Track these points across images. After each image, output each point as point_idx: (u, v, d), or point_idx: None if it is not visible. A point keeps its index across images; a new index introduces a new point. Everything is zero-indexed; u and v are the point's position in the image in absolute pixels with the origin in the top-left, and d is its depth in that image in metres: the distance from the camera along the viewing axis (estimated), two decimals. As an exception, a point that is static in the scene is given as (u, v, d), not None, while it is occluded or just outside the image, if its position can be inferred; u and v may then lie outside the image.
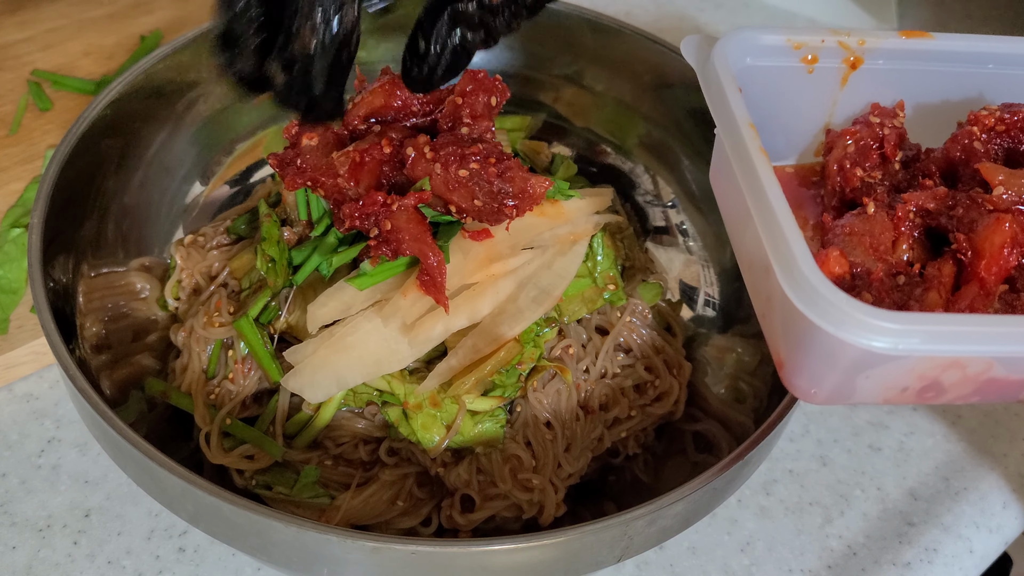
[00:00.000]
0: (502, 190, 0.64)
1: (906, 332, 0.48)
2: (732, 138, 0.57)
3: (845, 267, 0.55)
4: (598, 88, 0.90)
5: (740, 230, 0.61)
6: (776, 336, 0.57)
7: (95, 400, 0.59)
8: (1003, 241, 0.55)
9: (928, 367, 0.52)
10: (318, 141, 0.69)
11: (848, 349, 0.50)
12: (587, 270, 0.75)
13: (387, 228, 0.65)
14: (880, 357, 0.50)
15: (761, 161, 0.55)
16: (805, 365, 0.54)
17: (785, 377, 0.56)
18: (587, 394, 0.74)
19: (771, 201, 0.53)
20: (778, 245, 0.52)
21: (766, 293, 0.57)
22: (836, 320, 0.49)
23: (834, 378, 0.53)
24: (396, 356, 0.67)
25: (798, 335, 0.52)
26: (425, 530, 0.71)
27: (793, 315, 0.51)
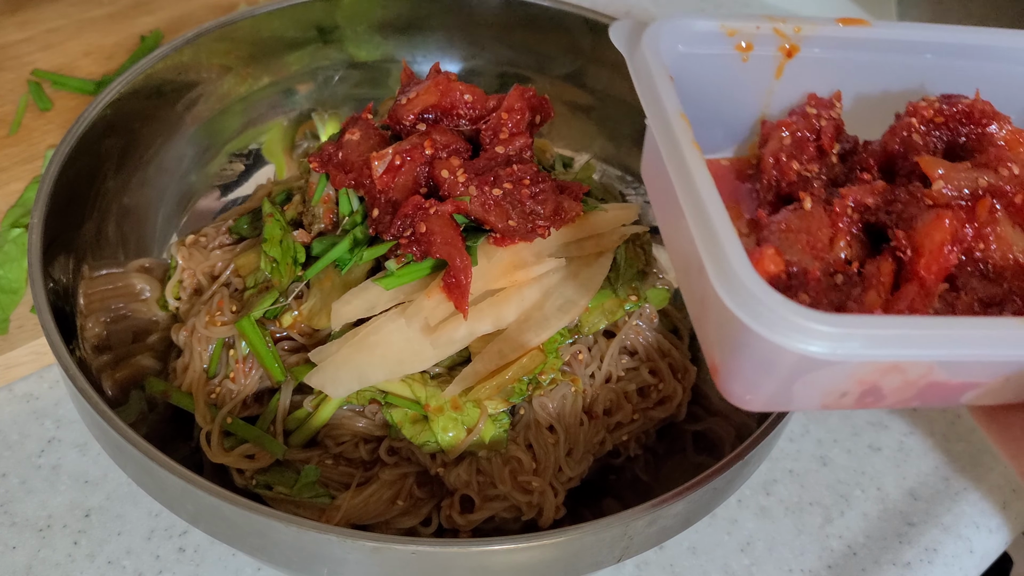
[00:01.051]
0: (534, 211, 0.67)
1: (845, 336, 0.46)
2: (663, 130, 0.54)
3: (780, 266, 0.52)
4: (598, 88, 0.90)
5: (672, 227, 0.57)
6: (710, 340, 0.53)
7: (95, 400, 0.59)
8: (943, 239, 0.52)
9: (868, 372, 0.49)
10: (360, 136, 0.71)
11: (784, 354, 0.47)
12: (609, 282, 0.75)
13: (421, 230, 0.66)
14: (818, 362, 0.47)
15: (693, 155, 0.51)
16: (740, 371, 0.51)
17: (720, 383, 0.53)
18: (592, 399, 0.74)
19: (703, 198, 0.49)
20: (710, 244, 0.48)
21: (700, 294, 0.53)
22: (771, 324, 0.46)
23: (770, 384, 0.50)
24: (419, 357, 0.67)
25: (732, 339, 0.49)
26: (425, 530, 0.71)
27: (726, 318, 0.48)
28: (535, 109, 0.73)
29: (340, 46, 0.89)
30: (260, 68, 0.87)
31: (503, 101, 0.73)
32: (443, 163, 0.68)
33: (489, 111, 0.73)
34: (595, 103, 0.91)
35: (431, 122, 0.73)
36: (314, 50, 0.89)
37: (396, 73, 0.91)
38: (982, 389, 0.53)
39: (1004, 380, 0.51)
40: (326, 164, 0.72)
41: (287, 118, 0.90)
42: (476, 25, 0.90)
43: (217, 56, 0.83)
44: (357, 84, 0.92)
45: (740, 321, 0.46)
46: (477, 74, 0.91)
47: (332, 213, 0.74)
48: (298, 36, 0.87)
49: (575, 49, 0.89)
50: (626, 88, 0.88)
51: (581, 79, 0.90)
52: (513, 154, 0.69)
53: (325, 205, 0.74)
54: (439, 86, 0.72)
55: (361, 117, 0.74)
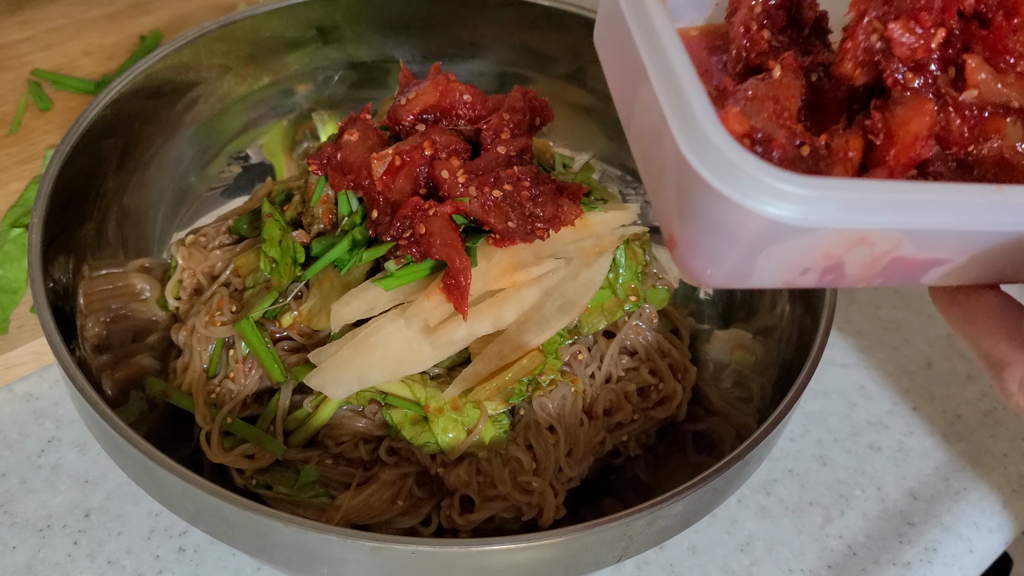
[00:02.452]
0: (533, 213, 0.67)
1: (819, 199, 0.42)
2: None
3: (745, 126, 0.47)
4: (598, 88, 0.90)
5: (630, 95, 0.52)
6: (669, 210, 0.49)
7: (95, 400, 0.59)
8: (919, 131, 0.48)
9: (835, 244, 0.45)
10: (359, 137, 0.71)
11: (751, 220, 0.43)
12: (608, 282, 0.75)
13: (421, 231, 0.66)
14: (786, 230, 0.43)
15: (657, 9, 0.47)
16: (701, 242, 0.47)
17: (678, 257, 0.49)
18: (592, 399, 0.74)
19: (668, 53, 0.45)
20: (677, 102, 0.44)
21: (659, 165, 0.49)
22: (741, 185, 0.42)
23: (732, 256, 0.46)
24: (418, 358, 0.67)
25: (695, 205, 0.45)
26: (425, 530, 0.71)
27: (691, 182, 0.44)
28: (535, 111, 0.73)
29: (340, 46, 0.89)
30: (260, 68, 0.87)
31: (503, 102, 0.73)
32: (443, 164, 0.68)
33: (489, 111, 0.73)
34: (595, 103, 0.91)
35: (430, 123, 0.73)
36: (314, 50, 0.89)
37: (396, 73, 0.91)
38: (947, 267, 0.49)
39: (970, 258, 0.48)
40: (325, 166, 0.72)
41: (287, 118, 0.90)
42: (476, 25, 0.90)
43: (217, 56, 0.83)
44: (357, 84, 0.92)
45: (706, 183, 0.43)
46: (477, 74, 0.91)
47: (331, 213, 0.74)
48: (298, 36, 0.87)
49: (575, 49, 0.89)
50: (626, 88, 0.88)
51: (581, 79, 0.90)
52: (514, 155, 0.70)
53: (324, 205, 0.74)
54: (438, 86, 0.73)
55: (360, 117, 0.74)
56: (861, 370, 0.90)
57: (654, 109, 0.46)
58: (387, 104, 0.88)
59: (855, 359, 0.91)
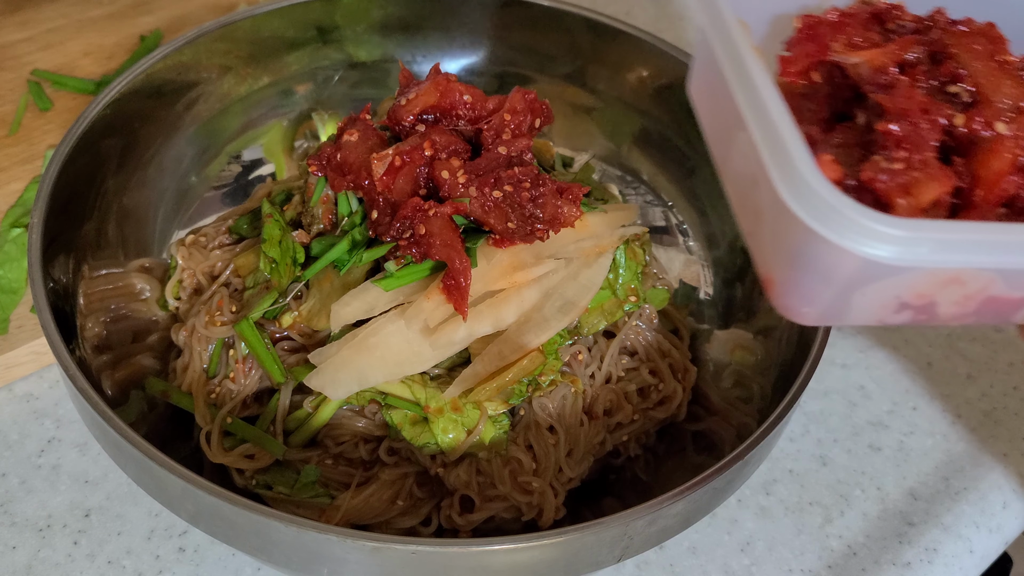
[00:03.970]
0: (533, 214, 0.67)
1: (914, 240, 0.44)
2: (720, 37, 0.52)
3: (839, 174, 0.50)
4: (598, 88, 0.90)
5: (726, 141, 0.55)
6: (766, 252, 0.52)
7: (95, 400, 0.59)
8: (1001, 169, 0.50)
9: (928, 283, 0.47)
10: (358, 137, 0.71)
11: (848, 260, 0.45)
12: (608, 282, 0.75)
13: (421, 232, 0.66)
14: (881, 269, 0.45)
15: (754, 61, 0.50)
16: (798, 281, 0.49)
17: (775, 296, 0.52)
18: (592, 399, 0.74)
19: (765, 101, 0.48)
20: (774, 147, 0.47)
21: (755, 209, 0.51)
22: (839, 227, 0.44)
23: (829, 295, 0.48)
24: (418, 358, 0.67)
25: (793, 246, 0.48)
26: (425, 530, 0.71)
27: (788, 224, 0.46)
28: (536, 112, 0.72)
29: (340, 46, 0.89)
30: (260, 68, 0.87)
31: (503, 102, 0.73)
32: (443, 164, 0.68)
33: (489, 112, 0.73)
34: (595, 103, 0.91)
35: (430, 123, 0.73)
36: (314, 50, 0.89)
37: (396, 73, 0.91)
38: None
39: None
40: (325, 167, 0.72)
41: (287, 118, 0.90)
42: (476, 25, 0.90)
43: (217, 56, 0.83)
44: (356, 84, 0.92)
45: (804, 225, 0.45)
46: (477, 74, 0.91)
47: (331, 214, 0.74)
48: (298, 36, 0.87)
49: (575, 49, 0.89)
50: (626, 88, 0.89)
51: (581, 79, 0.90)
52: (515, 155, 0.70)
53: (324, 206, 0.74)
54: (438, 87, 0.73)
55: (359, 118, 0.74)
56: (861, 370, 0.90)
57: (751, 155, 0.49)
58: (387, 104, 0.88)
59: (855, 359, 0.91)
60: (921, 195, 0.49)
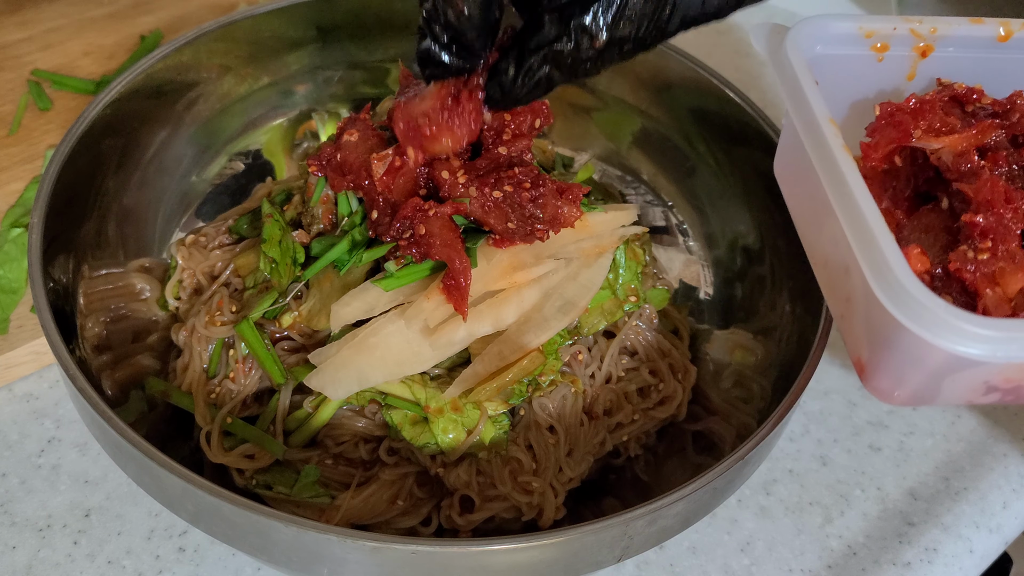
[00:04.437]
0: (533, 215, 0.67)
1: (1004, 340, 0.47)
2: (811, 134, 0.56)
3: (927, 265, 0.53)
4: (598, 88, 0.90)
5: (815, 227, 0.59)
6: (857, 337, 0.55)
7: (95, 400, 0.59)
8: None
9: (1016, 370, 0.50)
10: (358, 137, 0.71)
11: (940, 353, 0.48)
12: (608, 283, 0.75)
13: (421, 232, 0.66)
14: (971, 361, 0.48)
15: (846, 160, 0.53)
16: (889, 367, 0.53)
17: (866, 379, 0.56)
18: (592, 399, 0.74)
19: (859, 202, 0.51)
20: (866, 247, 0.50)
21: (845, 294, 0.55)
22: (931, 326, 0.47)
23: (919, 380, 0.52)
24: (418, 358, 0.67)
25: (885, 338, 0.51)
26: (425, 530, 0.71)
27: (881, 318, 0.50)
28: (536, 113, 0.72)
29: (340, 46, 0.89)
30: (260, 68, 0.87)
31: None
32: (443, 164, 0.68)
33: None
34: (595, 103, 0.91)
35: None
36: (314, 50, 0.89)
37: (395, 73, 0.91)
38: None
39: None
40: (325, 167, 0.72)
41: (287, 118, 0.90)
42: (476, 25, 0.90)
43: (217, 56, 0.83)
44: (357, 84, 0.92)
45: (897, 321, 0.48)
46: (477, 74, 0.91)
47: (331, 214, 0.74)
48: (298, 36, 0.87)
49: (575, 49, 0.89)
50: (626, 88, 0.88)
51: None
52: (515, 156, 0.70)
53: (324, 206, 0.74)
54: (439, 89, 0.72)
55: (359, 118, 0.74)
56: (861, 370, 0.90)
57: (842, 243, 0.51)
58: (387, 104, 0.88)
59: (855, 359, 0.91)
60: (1008, 285, 0.51)
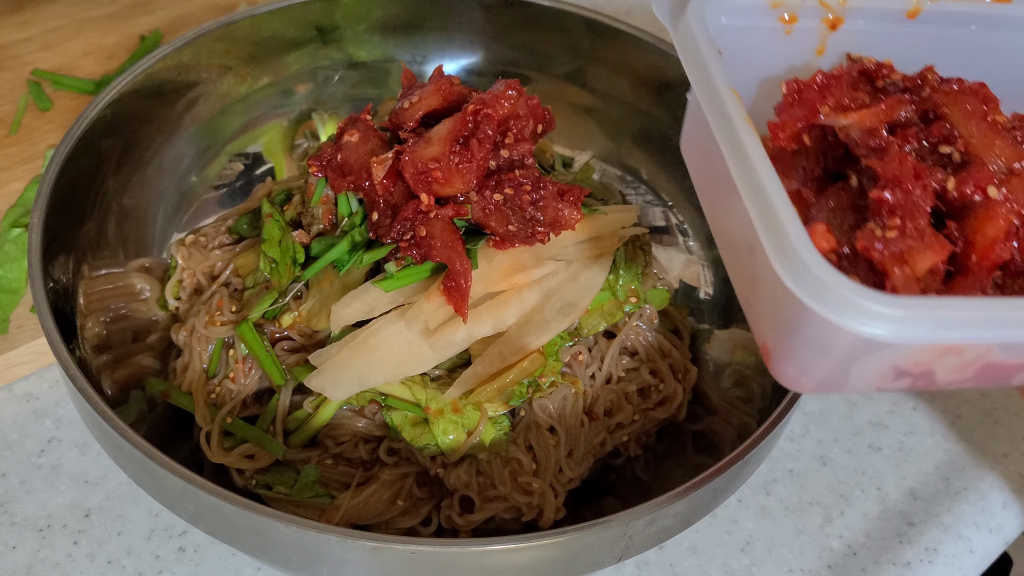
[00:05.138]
0: (534, 217, 0.66)
1: (912, 319, 0.44)
2: (714, 106, 0.52)
3: (832, 243, 0.50)
4: (598, 88, 0.90)
5: (720, 206, 0.55)
6: (762, 322, 0.52)
7: (95, 400, 0.59)
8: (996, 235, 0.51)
9: (926, 354, 0.48)
10: (359, 138, 0.71)
11: (845, 336, 0.45)
12: (608, 284, 0.75)
13: (422, 234, 0.66)
14: (878, 344, 0.45)
15: (748, 132, 0.50)
16: (795, 353, 0.49)
17: (772, 365, 0.52)
18: (592, 400, 0.74)
19: (760, 176, 0.48)
20: (769, 224, 0.47)
21: (751, 275, 0.52)
22: (836, 306, 0.44)
23: (826, 366, 0.49)
24: (418, 359, 0.67)
25: (789, 321, 0.48)
26: (425, 530, 0.71)
27: (785, 299, 0.46)
28: (538, 118, 0.72)
29: (340, 46, 0.89)
30: (260, 68, 0.87)
31: None
32: None
33: None
34: (595, 103, 0.91)
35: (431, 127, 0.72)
36: (314, 50, 0.89)
37: (396, 73, 0.91)
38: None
39: None
40: (325, 168, 0.72)
41: (287, 118, 0.90)
42: (476, 25, 0.90)
43: (217, 56, 0.83)
44: (357, 84, 0.92)
45: (801, 302, 0.45)
46: (477, 74, 0.92)
47: (331, 214, 0.74)
48: (298, 36, 0.87)
49: (575, 49, 0.89)
50: (626, 88, 0.88)
51: (581, 79, 0.90)
52: (516, 159, 0.69)
53: (324, 206, 0.74)
54: (441, 89, 0.72)
55: (360, 118, 0.74)
56: (861, 370, 0.90)
57: (745, 223, 0.48)
58: (387, 104, 0.88)
59: (855, 359, 0.91)
60: (916, 264, 0.49)
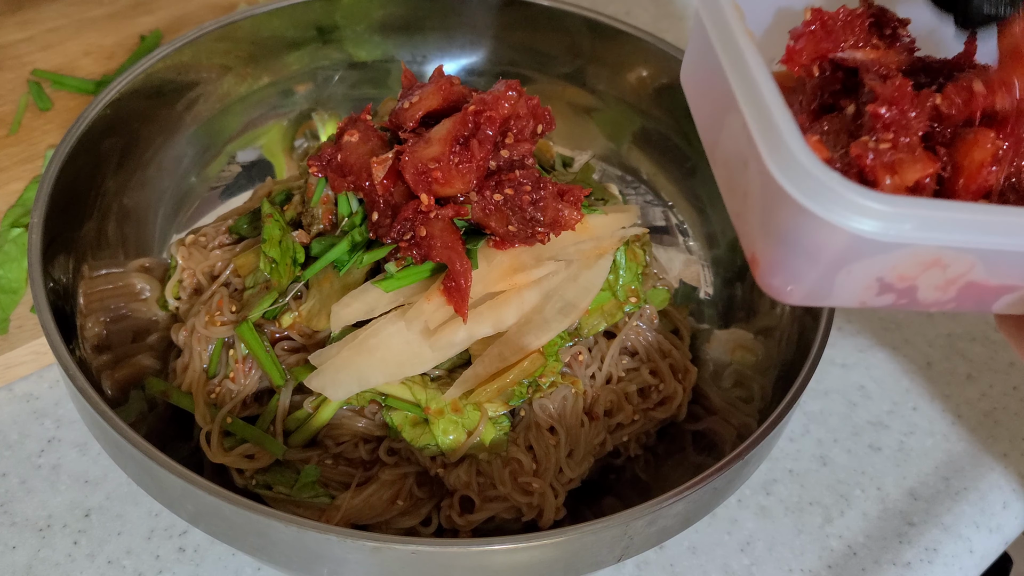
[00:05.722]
0: (534, 218, 0.66)
1: (899, 216, 0.45)
2: (714, 19, 0.53)
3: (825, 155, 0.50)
4: (598, 88, 0.90)
5: (717, 124, 0.56)
6: (752, 232, 0.53)
7: (95, 400, 0.59)
8: (983, 160, 0.51)
9: (911, 264, 0.48)
10: (359, 138, 0.71)
11: (835, 235, 0.46)
12: (608, 284, 0.75)
13: (422, 234, 0.66)
14: (866, 245, 0.46)
15: (747, 43, 0.51)
16: (784, 259, 0.50)
17: (760, 275, 0.53)
18: (592, 400, 0.74)
19: (758, 81, 0.49)
20: (766, 126, 0.48)
21: (743, 190, 0.53)
22: (825, 201, 0.45)
23: (814, 273, 0.49)
24: (418, 359, 0.67)
25: (780, 223, 0.49)
26: (425, 530, 0.71)
27: (776, 200, 0.47)
28: (539, 119, 0.72)
29: (340, 46, 0.89)
30: (260, 68, 0.87)
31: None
32: None
33: None
34: (595, 103, 0.91)
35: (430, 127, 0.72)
36: (314, 50, 0.89)
37: (396, 73, 0.91)
38: (1017, 294, 0.52)
39: None
40: (325, 168, 0.72)
41: (287, 118, 0.90)
42: (476, 25, 0.90)
43: (217, 56, 0.83)
44: (357, 84, 0.92)
45: (792, 201, 0.46)
46: (477, 74, 0.92)
47: (331, 214, 0.74)
48: (298, 36, 0.87)
49: (575, 49, 0.89)
50: (626, 88, 0.89)
51: (581, 79, 0.90)
52: (516, 159, 0.69)
53: (324, 206, 0.74)
54: (441, 90, 0.72)
55: (360, 118, 0.74)
56: (861, 370, 0.90)
57: (741, 135, 0.50)
58: (387, 104, 0.88)
59: (855, 359, 0.91)
60: (906, 174, 0.50)
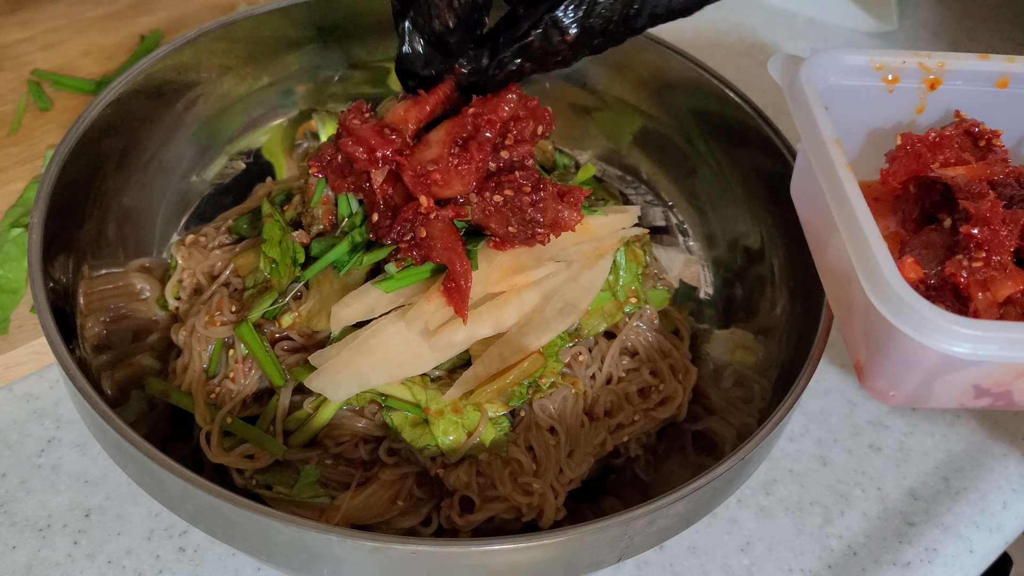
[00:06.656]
0: (534, 219, 0.66)
1: (985, 339, 0.51)
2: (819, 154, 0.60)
3: (919, 274, 0.58)
4: (598, 88, 0.90)
5: (822, 242, 0.64)
6: (856, 341, 0.60)
7: (95, 400, 0.59)
8: None
9: (1003, 374, 0.55)
10: None
11: (929, 354, 0.53)
12: (608, 284, 0.75)
13: (422, 235, 0.66)
14: (959, 362, 0.53)
15: (847, 177, 0.58)
16: (885, 369, 0.58)
17: (864, 381, 0.60)
18: (592, 400, 0.74)
19: (857, 214, 0.56)
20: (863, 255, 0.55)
21: (847, 301, 0.60)
22: (919, 326, 0.52)
23: (913, 381, 0.56)
24: (418, 360, 0.67)
25: (880, 340, 0.56)
26: (425, 530, 0.71)
27: (876, 321, 0.54)
28: (539, 120, 0.72)
29: (340, 46, 0.89)
30: (260, 68, 0.87)
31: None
32: None
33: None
34: (595, 103, 0.91)
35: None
36: (314, 50, 0.89)
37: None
38: None
39: None
40: (325, 168, 0.72)
41: (287, 118, 0.90)
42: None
43: (217, 56, 0.83)
44: (357, 84, 0.92)
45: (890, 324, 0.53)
46: (477, 74, 0.91)
47: (331, 214, 0.74)
48: (298, 36, 0.87)
49: (575, 49, 0.89)
50: (626, 88, 0.89)
51: (581, 79, 0.90)
52: (516, 160, 0.69)
53: (324, 206, 0.74)
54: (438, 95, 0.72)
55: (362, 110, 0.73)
56: (861, 370, 0.90)
57: (843, 256, 0.57)
58: (387, 104, 0.88)
59: (855, 359, 0.91)
60: (998, 291, 0.56)
